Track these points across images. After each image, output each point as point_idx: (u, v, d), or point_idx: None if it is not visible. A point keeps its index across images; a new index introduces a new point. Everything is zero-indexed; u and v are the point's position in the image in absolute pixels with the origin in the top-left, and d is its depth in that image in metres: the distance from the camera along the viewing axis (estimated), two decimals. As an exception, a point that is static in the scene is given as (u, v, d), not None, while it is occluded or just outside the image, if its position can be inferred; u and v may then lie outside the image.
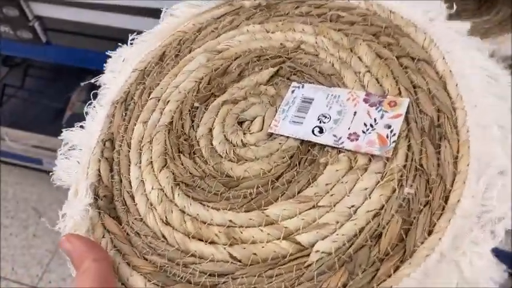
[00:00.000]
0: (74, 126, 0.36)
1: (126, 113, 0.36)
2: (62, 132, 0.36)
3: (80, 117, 0.37)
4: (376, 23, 0.34)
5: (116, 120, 0.36)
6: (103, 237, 0.30)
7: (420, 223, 0.25)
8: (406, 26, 0.33)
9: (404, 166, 0.27)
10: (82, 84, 0.41)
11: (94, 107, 0.37)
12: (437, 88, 0.29)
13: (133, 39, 0.40)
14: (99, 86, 0.39)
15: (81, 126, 0.36)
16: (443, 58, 0.30)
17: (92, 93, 0.38)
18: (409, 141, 0.28)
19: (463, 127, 0.27)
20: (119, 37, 0.40)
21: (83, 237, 0.29)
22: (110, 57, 0.40)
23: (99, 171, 0.33)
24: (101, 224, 0.30)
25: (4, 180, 1.20)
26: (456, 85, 0.29)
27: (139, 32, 0.40)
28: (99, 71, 0.39)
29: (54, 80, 1.16)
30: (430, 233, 0.24)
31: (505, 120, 0.26)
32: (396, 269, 0.24)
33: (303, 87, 0.32)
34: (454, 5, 0.32)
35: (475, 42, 0.31)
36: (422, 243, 0.24)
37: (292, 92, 0.32)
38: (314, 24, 0.35)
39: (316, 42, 0.34)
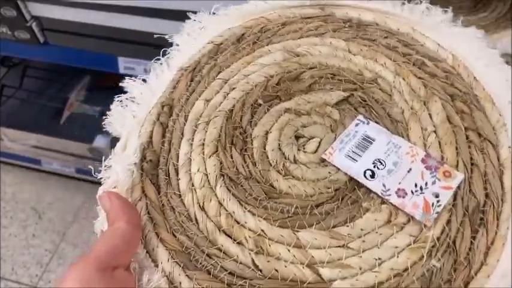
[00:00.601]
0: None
1: (191, 84, 0.36)
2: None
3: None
4: (457, 85, 0.34)
5: (179, 88, 0.36)
6: (139, 200, 0.31)
7: (436, 299, 0.26)
8: (484, 100, 0.33)
9: (438, 238, 0.28)
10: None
11: (161, 63, 0.38)
12: (493, 174, 0.30)
13: (216, 9, 0.40)
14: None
15: (144, 80, 0.37)
16: (510, 147, 0.31)
17: (161, 50, 0.38)
18: (450, 216, 0.29)
19: (505, 222, 0.28)
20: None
21: (123, 198, 0.30)
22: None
23: (152, 134, 0.34)
24: (140, 186, 0.32)
25: (3, 181, 1.20)
26: (512, 178, 0.30)
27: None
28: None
29: (52, 80, 1.17)
30: None
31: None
32: (400, 334, 0.25)
33: (368, 123, 0.33)
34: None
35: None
36: (432, 319, 0.26)
37: (356, 125, 0.33)
38: (397, 62, 0.35)
39: (394, 82, 0.35)
